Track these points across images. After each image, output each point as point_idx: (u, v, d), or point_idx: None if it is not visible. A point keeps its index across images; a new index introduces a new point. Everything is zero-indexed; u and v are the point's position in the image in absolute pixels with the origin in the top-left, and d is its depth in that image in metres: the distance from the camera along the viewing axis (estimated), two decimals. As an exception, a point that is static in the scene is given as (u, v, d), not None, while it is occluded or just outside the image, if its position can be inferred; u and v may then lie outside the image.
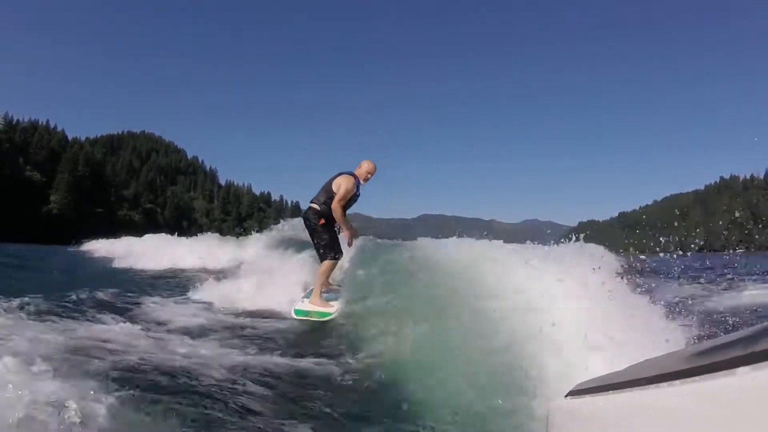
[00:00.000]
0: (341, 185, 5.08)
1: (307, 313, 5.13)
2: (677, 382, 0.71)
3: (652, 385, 0.77)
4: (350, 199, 5.24)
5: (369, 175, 5.38)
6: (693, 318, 3.86)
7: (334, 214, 5.11)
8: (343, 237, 5.55)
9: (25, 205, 79.46)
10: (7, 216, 70.93)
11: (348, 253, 6.02)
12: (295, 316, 5.12)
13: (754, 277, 8.81)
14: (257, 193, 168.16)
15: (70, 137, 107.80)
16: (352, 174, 5.22)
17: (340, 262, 5.61)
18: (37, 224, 76.79)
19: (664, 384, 0.74)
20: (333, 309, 5.04)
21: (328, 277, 5.37)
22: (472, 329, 3.40)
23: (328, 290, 5.53)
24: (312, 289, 5.43)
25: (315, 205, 5.19)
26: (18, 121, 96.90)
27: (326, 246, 5.21)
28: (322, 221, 5.15)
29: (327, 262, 5.22)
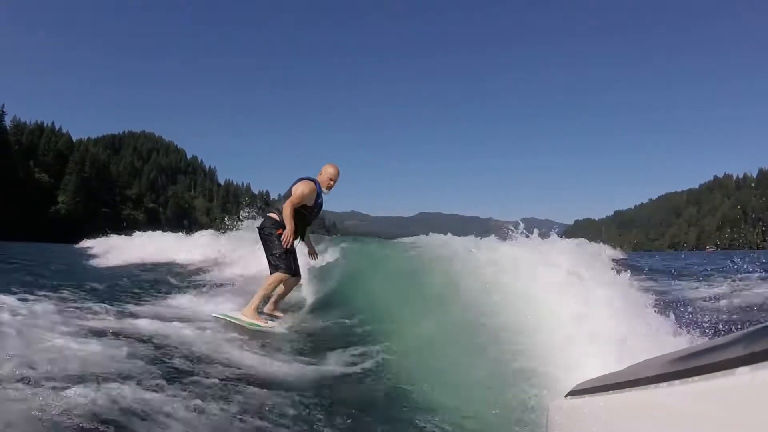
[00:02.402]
0: (297, 189, 4.63)
1: (232, 318, 4.41)
2: (677, 382, 0.71)
3: (652, 385, 0.77)
4: (312, 208, 4.80)
5: (331, 182, 4.83)
6: (690, 316, 3.85)
7: (282, 214, 4.60)
8: (300, 250, 4.94)
9: (34, 206, 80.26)
10: (18, 216, 71.78)
11: (306, 274, 5.60)
12: (212, 315, 4.49)
13: (750, 275, 8.80)
14: (256, 192, 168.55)
15: (74, 139, 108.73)
16: (312, 180, 4.75)
17: (298, 285, 5.11)
18: (45, 224, 77.65)
19: (664, 384, 0.74)
20: (266, 324, 4.41)
21: (271, 292, 4.73)
22: (470, 330, 3.39)
23: (271, 315, 4.84)
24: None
25: (274, 215, 4.73)
26: (25, 123, 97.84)
27: (280, 258, 4.61)
28: (280, 231, 4.64)
29: (277, 274, 4.60)
